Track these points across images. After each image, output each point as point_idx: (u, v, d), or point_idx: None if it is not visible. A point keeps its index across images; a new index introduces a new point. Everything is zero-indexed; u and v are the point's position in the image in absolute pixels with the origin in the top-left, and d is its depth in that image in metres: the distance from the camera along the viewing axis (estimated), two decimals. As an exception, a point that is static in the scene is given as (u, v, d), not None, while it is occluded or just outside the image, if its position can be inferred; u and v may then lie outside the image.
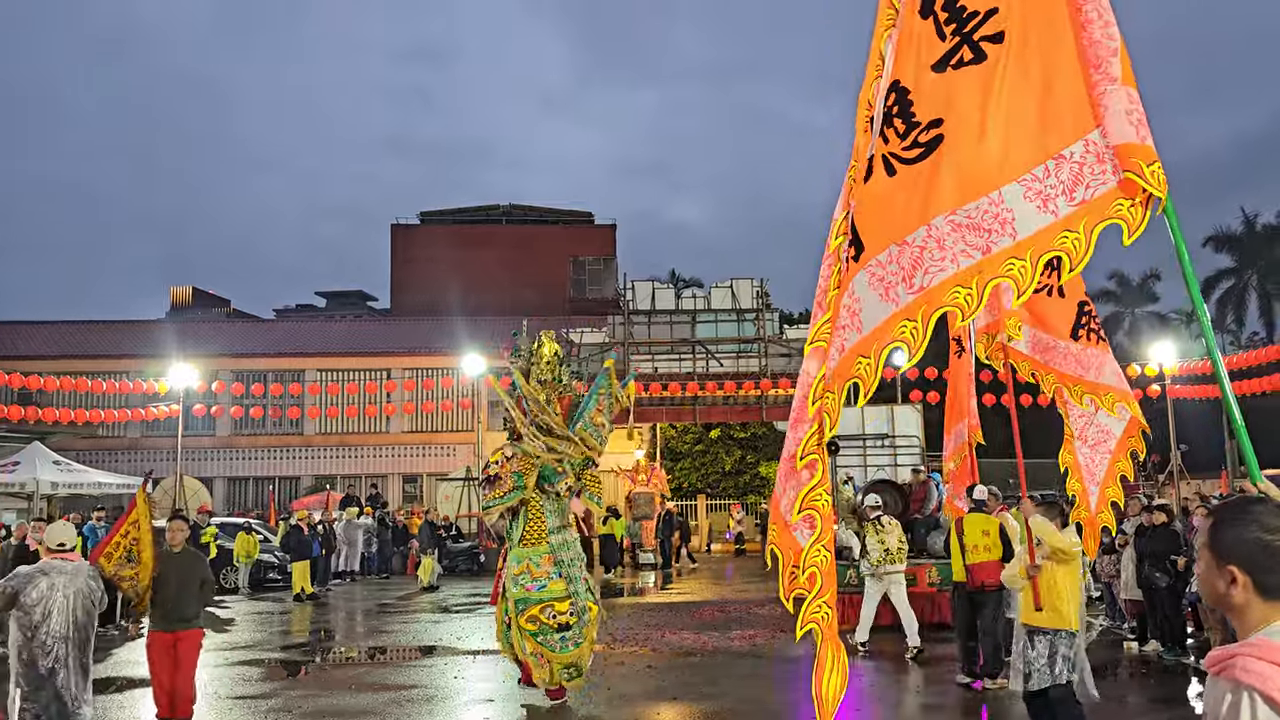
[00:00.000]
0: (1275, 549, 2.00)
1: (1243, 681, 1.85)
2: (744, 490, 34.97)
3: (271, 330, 42.44)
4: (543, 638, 8.67)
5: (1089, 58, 3.53)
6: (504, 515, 9.22)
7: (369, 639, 14.47)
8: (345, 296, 67.48)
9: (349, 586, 22.28)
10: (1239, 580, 2.01)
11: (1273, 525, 2.02)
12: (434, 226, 51.91)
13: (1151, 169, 3.30)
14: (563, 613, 8.68)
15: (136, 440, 34.75)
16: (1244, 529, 2.03)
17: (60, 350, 35.39)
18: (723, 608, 16.50)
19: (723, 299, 28.36)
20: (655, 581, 22.61)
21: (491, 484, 9.15)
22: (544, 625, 8.66)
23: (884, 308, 3.67)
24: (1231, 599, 2.03)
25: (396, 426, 35.71)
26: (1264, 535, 2.01)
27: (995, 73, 3.72)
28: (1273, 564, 1.99)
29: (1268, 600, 1.99)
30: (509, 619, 8.94)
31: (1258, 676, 1.84)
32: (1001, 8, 3.73)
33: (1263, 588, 1.99)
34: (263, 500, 33.75)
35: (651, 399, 26.65)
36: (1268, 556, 2.00)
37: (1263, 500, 2.14)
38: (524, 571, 8.85)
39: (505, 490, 9.00)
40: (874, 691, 10.02)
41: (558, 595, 8.75)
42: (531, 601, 8.72)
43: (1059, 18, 3.66)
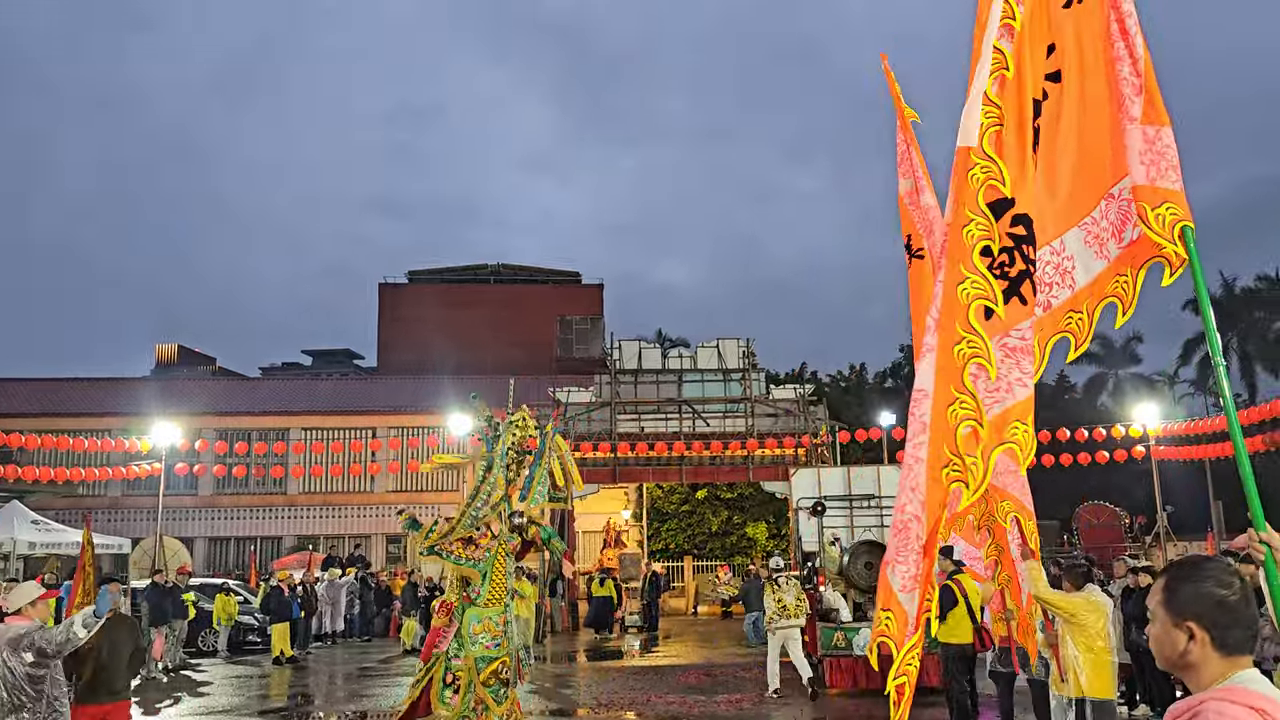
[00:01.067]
0: (1231, 604, 2.00)
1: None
2: (731, 551, 34.71)
3: (257, 388, 42.28)
4: (492, 691, 9.13)
5: (1117, 96, 3.56)
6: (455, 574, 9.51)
7: (350, 703, 14.21)
8: (331, 355, 67.36)
9: (330, 649, 21.93)
10: (1198, 637, 2.00)
11: (1228, 581, 2.03)
12: (422, 285, 52.11)
13: (1158, 212, 3.28)
14: (508, 667, 9.25)
15: (117, 499, 34.37)
16: (1200, 585, 2.03)
17: (42, 408, 35.15)
18: (709, 671, 16.29)
19: (709, 359, 28.44)
20: (641, 644, 22.33)
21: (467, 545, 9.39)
22: (499, 681, 9.17)
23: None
24: (1189, 657, 2.02)
25: (381, 486, 35.45)
26: (1219, 590, 2.01)
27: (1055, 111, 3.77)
28: (1230, 620, 1.99)
29: (1226, 656, 1.98)
30: (454, 677, 9.19)
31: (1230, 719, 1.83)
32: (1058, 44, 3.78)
33: (1220, 644, 1.99)
34: (244, 560, 33.34)
35: (638, 458, 26.58)
36: (1224, 612, 2.00)
37: (1214, 558, 2.14)
38: (484, 630, 9.25)
39: (476, 557, 9.32)
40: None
41: (507, 652, 9.30)
42: (490, 659, 9.15)
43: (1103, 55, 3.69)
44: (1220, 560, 2.10)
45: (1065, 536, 29.79)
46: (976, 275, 3.49)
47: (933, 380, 3.56)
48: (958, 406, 3.47)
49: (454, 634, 9.27)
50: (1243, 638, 2.00)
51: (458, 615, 9.39)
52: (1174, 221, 3.26)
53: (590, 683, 15.54)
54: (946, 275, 3.61)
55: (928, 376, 3.56)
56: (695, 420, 27.50)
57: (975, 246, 3.51)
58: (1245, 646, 2.00)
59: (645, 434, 26.98)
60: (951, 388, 3.48)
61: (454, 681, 9.17)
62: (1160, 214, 3.27)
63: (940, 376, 3.55)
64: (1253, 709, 1.83)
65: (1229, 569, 2.06)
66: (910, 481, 3.62)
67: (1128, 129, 3.48)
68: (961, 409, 3.46)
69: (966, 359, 3.46)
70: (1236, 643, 1.99)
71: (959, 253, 3.55)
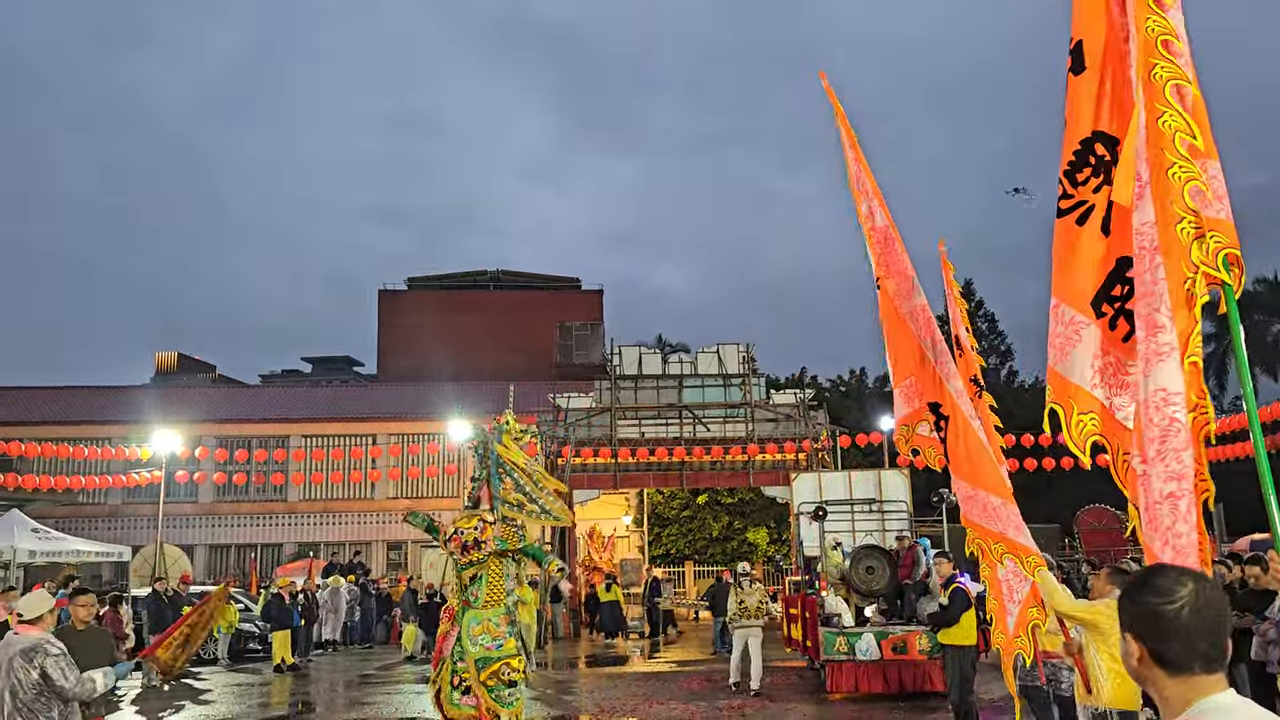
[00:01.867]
0: (1164, 614, 1.83)
1: None
2: (731, 556, 34.70)
3: (257, 396, 42.28)
4: (496, 693, 9.24)
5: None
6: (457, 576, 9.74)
7: (350, 710, 14.18)
8: (331, 362, 67.31)
9: (331, 656, 21.89)
10: (1134, 650, 1.87)
11: (1164, 588, 1.86)
12: (421, 292, 52.11)
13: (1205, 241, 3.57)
14: (515, 669, 9.33)
15: (117, 507, 34.36)
16: (1139, 596, 1.89)
17: (41, 416, 35.15)
18: (709, 677, 16.26)
19: (709, 364, 28.44)
20: (643, 650, 22.30)
21: (469, 549, 9.56)
22: (499, 682, 9.27)
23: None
24: (1140, 673, 1.89)
25: (381, 493, 35.44)
26: (1154, 599, 1.85)
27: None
28: (1164, 632, 1.83)
29: (1172, 675, 1.82)
30: (460, 680, 9.33)
31: None
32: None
33: (1160, 659, 1.83)
34: (244, 568, 33.30)
35: (639, 464, 26.56)
36: (1157, 623, 1.84)
37: (1170, 567, 1.97)
38: (484, 632, 9.42)
39: (482, 555, 9.52)
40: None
41: (511, 653, 9.38)
42: (492, 660, 9.28)
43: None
44: (1173, 570, 1.92)
45: (1066, 540, 29.75)
46: (1196, 273, 3.57)
47: (1180, 380, 3.51)
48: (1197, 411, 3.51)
49: (455, 637, 9.42)
50: (1185, 652, 1.82)
51: (458, 618, 9.57)
52: (1218, 249, 3.47)
53: (592, 689, 15.51)
54: (1169, 273, 3.61)
55: (1175, 377, 3.49)
56: (696, 425, 27.50)
57: (1192, 244, 3.58)
58: (1191, 663, 1.81)
59: (646, 439, 26.97)
60: (1192, 394, 3.51)
61: (461, 684, 9.32)
62: (1206, 242, 3.47)
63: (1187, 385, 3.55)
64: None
65: (1177, 578, 1.87)
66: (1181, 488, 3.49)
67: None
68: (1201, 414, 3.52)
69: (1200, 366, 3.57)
70: (1178, 658, 1.81)
71: (1177, 249, 3.59)
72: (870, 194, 6.19)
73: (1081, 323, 4.02)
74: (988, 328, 46.12)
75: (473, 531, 9.67)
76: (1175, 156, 3.64)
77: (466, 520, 9.73)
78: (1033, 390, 44.74)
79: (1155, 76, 3.73)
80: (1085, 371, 3.98)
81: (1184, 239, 3.57)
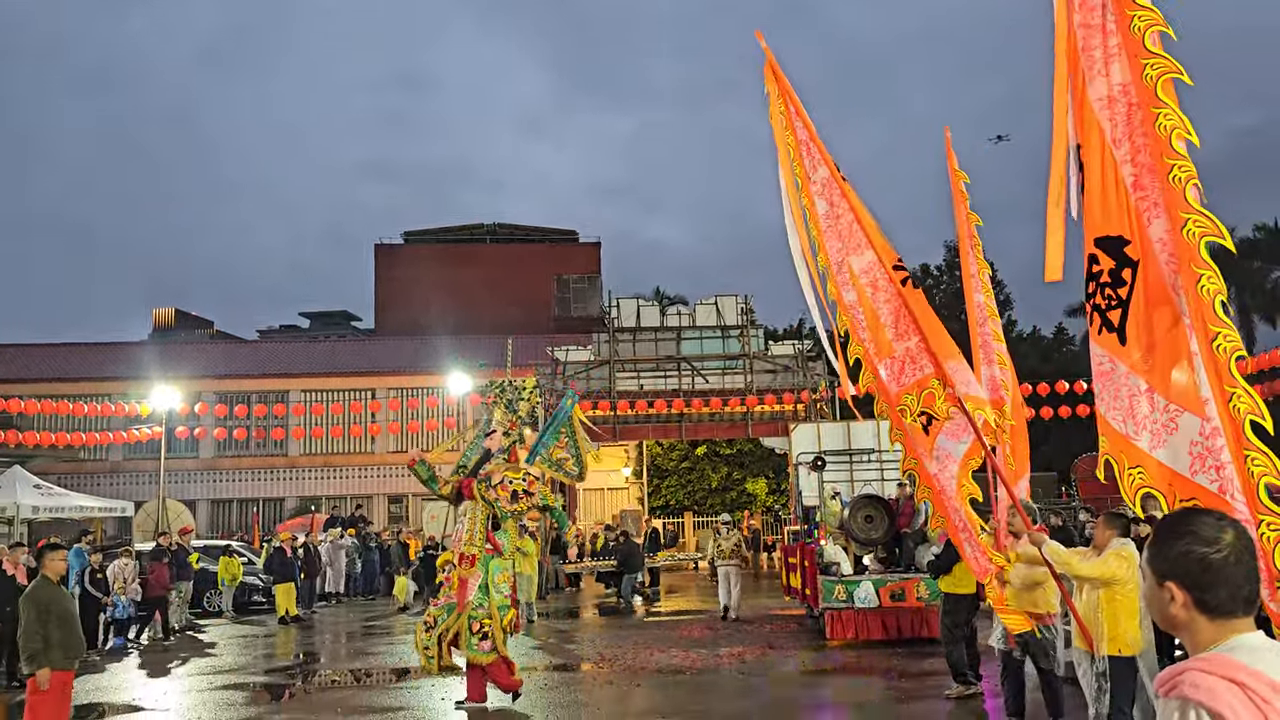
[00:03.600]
0: (1212, 563, 1.87)
1: (1190, 698, 1.74)
2: (730, 507, 34.90)
3: (255, 351, 42.24)
4: (508, 636, 10.02)
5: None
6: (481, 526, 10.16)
7: (354, 660, 14.35)
8: (329, 317, 67.13)
9: (334, 608, 22.11)
10: (1178, 598, 1.89)
11: (1210, 538, 1.89)
12: (418, 246, 51.84)
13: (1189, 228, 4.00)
14: (513, 619, 10.10)
15: (119, 463, 34.48)
16: (1180, 544, 1.91)
17: (41, 373, 35.13)
18: (710, 625, 16.43)
19: (707, 315, 28.38)
20: (643, 599, 22.52)
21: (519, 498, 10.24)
22: (508, 630, 10.00)
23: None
24: (1176, 618, 1.91)
25: (381, 446, 35.55)
26: (1200, 549, 1.88)
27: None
28: (1211, 580, 1.86)
29: (1213, 619, 1.87)
30: (480, 625, 9.78)
31: (1205, 691, 1.72)
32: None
33: (1203, 605, 1.87)
34: (247, 522, 33.51)
35: (637, 416, 26.63)
36: (1205, 572, 1.87)
37: (1204, 512, 2.00)
38: (505, 580, 10.06)
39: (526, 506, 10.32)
40: (869, 699, 9.98)
41: (511, 603, 10.13)
42: (507, 608, 9.95)
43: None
44: (1210, 514, 1.96)
45: (1063, 489, 29.92)
46: (1208, 270, 3.66)
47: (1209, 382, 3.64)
48: (1236, 400, 3.58)
49: (479, 585, 9.87)
50: (1228, 598, 1.86)
51: (481, 566, 9.99)
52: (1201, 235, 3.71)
53: (592, 638, 15.68)
54: (1184, 278, 3.72)
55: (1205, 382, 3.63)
56: (694, 377, 27.52)
57: (1199, 244, 3.67)
58: (1235, 608, 1.87)
59: (644, 391, 27.01)
60: (1225, 384, 3.58)
61: (480, 629, 9.76)
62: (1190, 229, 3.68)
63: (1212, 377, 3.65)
64: (1233, 682, 1.71)
65: (1217, 524, 1.92)
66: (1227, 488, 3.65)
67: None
68: (1241, 403, 3.59)
69: (1229, 353, 3.62)
70: (1221, 604, 1.86)
71: (1186, 253, 3.69)
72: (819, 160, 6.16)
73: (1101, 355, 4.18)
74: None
75: (521, 483, 10.24)
76: (1174, 159, 3.68)
77: (513, 470, 10.25)
78: (1030, 340, 44.75)
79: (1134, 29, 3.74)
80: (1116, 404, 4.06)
81: (1191, 240, 3.66)
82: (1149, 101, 3.76)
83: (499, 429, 10.60)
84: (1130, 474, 3.94)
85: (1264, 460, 3.48)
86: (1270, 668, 1.75)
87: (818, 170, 6.13)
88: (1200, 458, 3.67)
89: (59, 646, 7.20)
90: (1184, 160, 3.69)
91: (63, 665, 7.24)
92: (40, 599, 7.41)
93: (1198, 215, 3.64)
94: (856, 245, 6.06)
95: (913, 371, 5.99)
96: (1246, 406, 3.53)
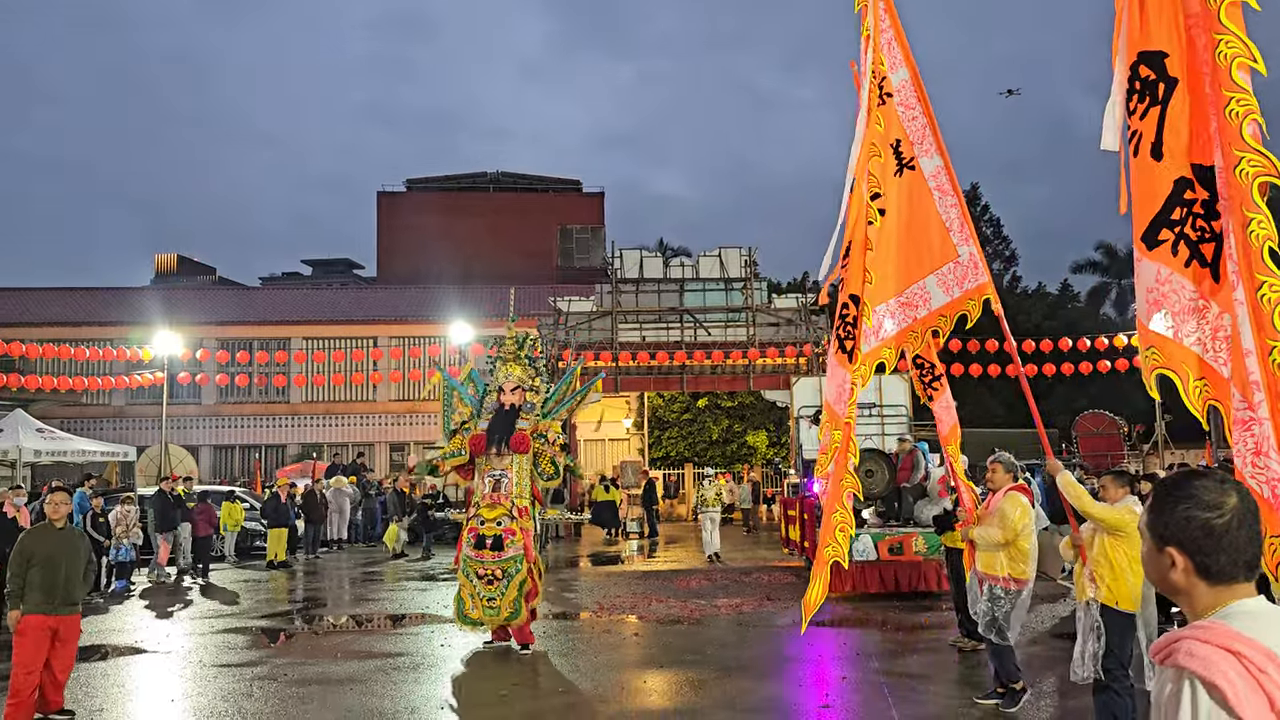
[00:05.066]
0: (1214, 528, 1.83)
1: (1185, 667, 1.69)
2: (731, 459, 35.03)
3: (257, 298, 42.18)
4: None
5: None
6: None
7: (355, 606, 14.47)
8: (331, 265, 67.02)
9: (336, 554, 22.29)
10: (1178, 563, 1.85)
11: (1212, 502, 1.85)
12: (420, 194, 51.52)
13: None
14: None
15: (121, 408, 34.60)
16: (1182, 507, 1.87)
17: (44, 317, 35.12)
18: (709, 575, 16.54)
19: (711, 268, 28.23)
20: (641, 550, 22.67)
21: (566, 451, 10.89)
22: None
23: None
24: (1176, 583, 1.87)
25: (383, 395, 35.62)
26: (1202, 514, 1.85)
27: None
28: (1213, 545, 1.83)
29: (1214, 584, 1.83)
30: (537, 571, 10.35)
31: (1201, 661, 1.68)
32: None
33: (1205, 571, 1.83)
34: (249, 468, 33.67)
35: (639, 368, 26.61)
36: (1207, 537, 1.83)
37: (1206, 474, 1.95)
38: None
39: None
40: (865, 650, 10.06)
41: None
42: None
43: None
44: (1212, 477, 1.91)
45: (1064, 445, 29.98)
46: (1260, 215, 3.39)
47: (1251, 335, 3.42)
48: (1277, 354, 3.37)
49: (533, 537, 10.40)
50: (1230, 564, 1.83)
51: (530, 518, 10.40)
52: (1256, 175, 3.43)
53: (592, 587, 15.79)
54: (1233, 220, 3.46)
55: (1246, 334, 3.41)
56: (696, 329, 27.45)
57: (1253, 185, 3.40)
58: (1236, 573, 1.83)
59: (646, 343, 26.95)
60: (1266, 337, 3.38)
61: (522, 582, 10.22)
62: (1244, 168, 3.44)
63: (1254, 328, 3.43)
64: (1229, 651, 1.67)
65: (1219, 487, 1.87)
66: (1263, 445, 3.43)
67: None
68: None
69: (1273, 304, 3.37)
70: (1222, 570, 1.82)
71: (1237, 194, 3.43)
72: (902, 61, 5.96)
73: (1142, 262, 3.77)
74: (992, 233, 45.67)
75: (563, 436, 10.88)
76: (1233, 91, 3.44)
77: (555, 423, 10.70)
78: (1035, 296, 44.58)
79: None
80: (1170, 320, 3.70)
81: (1244, 181, 3.40)
82: (1210, 26, 3.51)
83: (521, 385, 10.59)
84: (1196, 386, 3.69)
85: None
86: (1266, 635, 1.71)
87: (898, 70, 5.96)
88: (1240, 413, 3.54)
89: (39, 589, 7.23)
90: (1244, 94, 3.41)
91: (41, 609, 7.24)
92: (25, 543, 7.50)
93: (1253, 154, 3.36)
94: (928, 149, 5.94)
95: (974, 277, 5.89)
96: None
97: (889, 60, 5.95)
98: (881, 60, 5.90)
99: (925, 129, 5.92)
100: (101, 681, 9.19)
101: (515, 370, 10.66)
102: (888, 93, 5.98)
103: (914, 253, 6.00)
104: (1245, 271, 3.40)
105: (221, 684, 9.03)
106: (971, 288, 5.86)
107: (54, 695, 7.44)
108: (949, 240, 5.93)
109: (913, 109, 5.96)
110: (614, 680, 8.98)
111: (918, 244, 5.99)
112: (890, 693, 8.17)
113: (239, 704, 8.22)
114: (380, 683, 8.94)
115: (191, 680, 9.20)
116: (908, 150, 5.97)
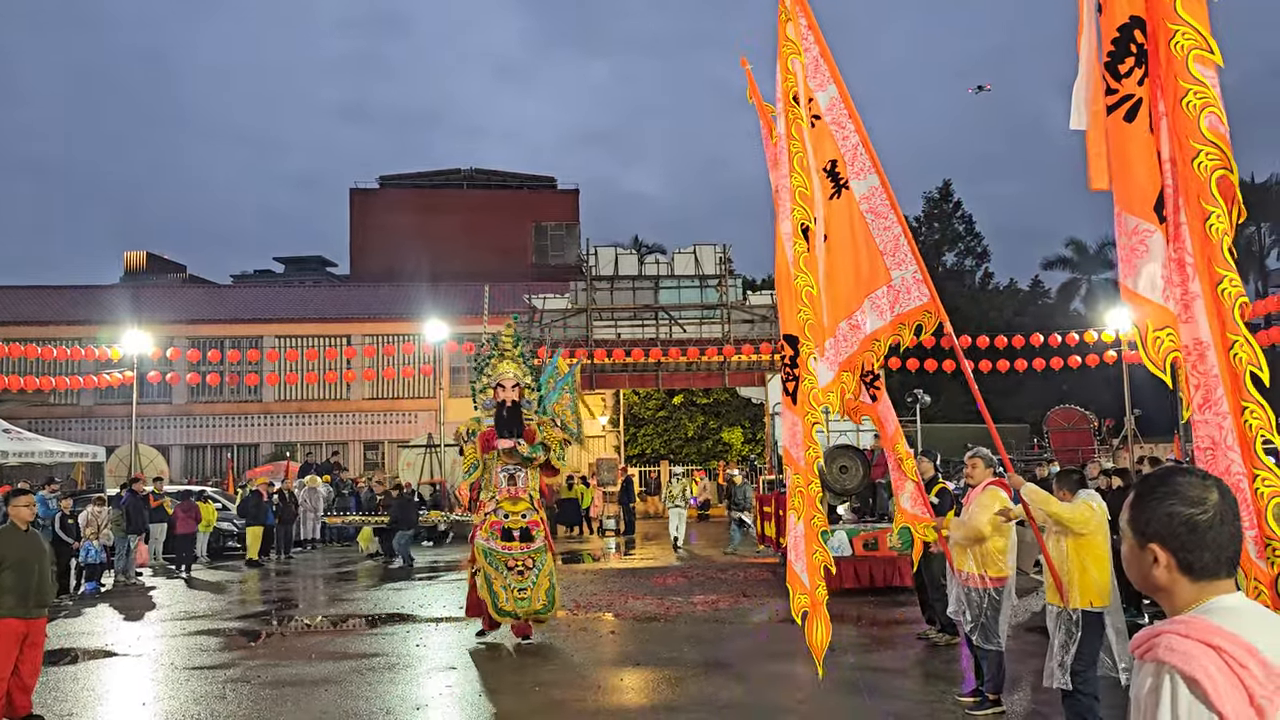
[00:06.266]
0: (1198, 524, 1.82)
1: (1165, 661, 1.69)
2: (707, 456, 35.09)
3: (229, 296, 41.78)
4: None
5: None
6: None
7: (329, 607, 14.36)
8: (304, 262, 66.45)
9: (309, 554, 22.13)
10: (1161, 560, 1.84)
11: (1195, 498, 1.84)
12: (394, 191, 51.25)
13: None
14: None
15: (90, 408, 34.18)
16: (1164, 504, 1.85)
17: (11, 316, 34.63)
18: (685, 573, 16.56)
19: (686, 265, 28.27)
20: (618, 547, 22.67)
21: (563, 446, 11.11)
22: None
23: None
24: (1158, 580, 1.86)
25: (357, 393, 35.39)
26: (1186, 510, 1.83)
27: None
28: (1197, 541, 1.82)
29: (1196, 581, 1.83)
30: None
31: (1181, 655, 1.67)
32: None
33: (1188, 567, 1.82)
34: (221, 468, 33.37)
35: (614, 365, 26.59)
36: (1190, 533, 1.82)
37: (1187, 470, 1.94)
38: None
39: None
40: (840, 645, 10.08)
41: None
42: None
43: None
44: (1194, 474, 1.91)
45: (1036, 440, 30.25)
46: (1218, 209, 3.39)
47: (1208, 328, 3.42)
48: (1238, 349, 3.37)
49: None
50: (1212, 560, 1.82)
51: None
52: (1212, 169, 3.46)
53: (569, 585, 15.75)
54: (1189, 215, 3.46)
55: (1203, 325, 3.42)
56: (672, 326, 27.47)
57: (1211, 178, 3.38)
58: (1219, 570, 1.83)
59: (622, 340, 26.95)
60: (1227, 332, 3.38)
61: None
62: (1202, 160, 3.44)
63: (1214, 322, 3.43)
64: (1210, 646, 1.67)
65: (1201, 484, 1.87)
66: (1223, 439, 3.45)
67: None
68: (1243, 352, 3.37)
69: (1234, 299, 3.37)
70: (1205, 566, 1.82)
71: (1194, 186, 3.42)
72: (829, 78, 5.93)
73: (1147, 230, 3.67)
74: (965, 229, 45.97)
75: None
76: (1190, 82, 3.43)
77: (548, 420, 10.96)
78: (1007, 293, 44.92)
79: None
80: (1156, 282, 3.64)
81: (1202, 174, 3.38)
82: (1166, 16, 3.49)
83: (519, 383, 10.78)
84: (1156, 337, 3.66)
85: (1261, 415, 3.36)
86: (1246, 630, 1.71)
87: (826, 89, 5.91)
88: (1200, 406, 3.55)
89: (13, 593, 7.13)
90: (1201, 86, 3.39)
91: (15, 613, 7.14)
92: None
93: (1211, 147, 3.35)
94: (860, 169, 5.90)
95: (908, 300, 5.89)
96: (1247, 356, 3.35)
97: (816, 79, 5.90)
98: (805, 81, 5.85)
99: (858, 147, 5.88)
100: (71, 685, 9.08)
101: (512, 368, 10.85)
102: (816, 115, 5.92)
103: (855, 276, 6.09)
104: (1203, 265, 3.41)
105: (194, 687, 8.94)
106: (906, 311, 5.87)
107: (21, 700, 7.33)
108: (880, 264, 5.95)
109: (844, 128, 5.91)
110: (592, 678, 8.97)
111: (858, 267, 6.05)
112: (865, 688, 8.21)
113: (212, 707, 8.15)
114: (355, 683, 8.88)
115: (163, 683, 9.11)
116: (844, 171, 5.96)
